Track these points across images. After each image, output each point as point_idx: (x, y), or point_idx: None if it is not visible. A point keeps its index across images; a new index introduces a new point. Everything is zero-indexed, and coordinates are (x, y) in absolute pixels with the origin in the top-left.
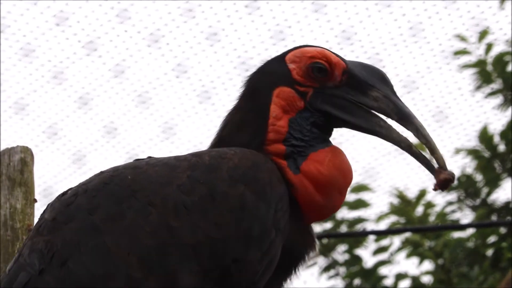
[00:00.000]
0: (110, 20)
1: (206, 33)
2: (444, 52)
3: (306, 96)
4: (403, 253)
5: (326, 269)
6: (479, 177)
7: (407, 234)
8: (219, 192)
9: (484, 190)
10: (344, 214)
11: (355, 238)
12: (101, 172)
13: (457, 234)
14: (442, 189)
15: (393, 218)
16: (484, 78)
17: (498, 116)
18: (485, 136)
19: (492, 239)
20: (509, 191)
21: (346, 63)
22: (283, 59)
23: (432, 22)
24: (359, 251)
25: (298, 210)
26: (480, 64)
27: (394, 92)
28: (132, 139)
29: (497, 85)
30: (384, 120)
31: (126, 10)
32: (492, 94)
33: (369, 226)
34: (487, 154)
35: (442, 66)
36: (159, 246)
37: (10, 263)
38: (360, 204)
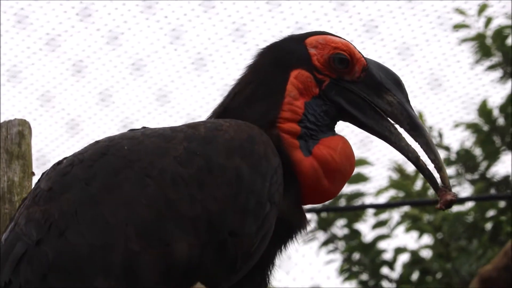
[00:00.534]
0: None
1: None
2: (443, 25)
3: (322, 85)
4: (402, 227)
5: (325, 243)
6: (478, 151)
7: (406, 208)
8: (216, 165)
9: (483, 164)
10: (343, 188)
11: (354, 212)
12: (96, 142)
13: (456, 208)
14: (445, 208)
15: (392, 192)
16: (484, 51)
17: (497, 89)
18: (484, 110)
19: (491, 213)
20: (508, 165)
21: (367, 61)
22: (303, 41)
23: None
24: (358, 225)
25: (294, 188)
26: (479, 38)
27: (409, 101)
28: (126, 107)
29: (496, 58)
30: (395, 126)
31: None
32: (492, 67)
33: (368, 200)
34: (486, 128)
35: (441, 39)
36: (156, 218)
37: (5, 232)
38: (359, 178)
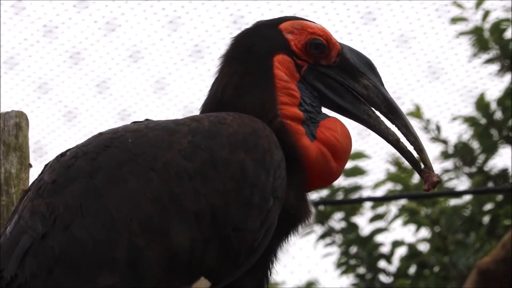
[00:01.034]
0: None
1: None
2: (442, 18)
3: (301, 70)
4: (400, 220)
5: (323, 236)
6: (476, 144)
7: (404, 202)
8: (220, 159)
9: (481, 157)
10: (341, 181)
11: (352, 205)
12: (99, 134)
13: (453, 201)
14: (432, 188)
15: (389, 185)
16: (481, 45)
17: (495, 82)
18: (481, 103)
19: (489, 206)
20: (505, 158)
21: (341, 45)
22: (276, 27)
23: None
24: (356, 219)
25: (299, 178)
26: (477, 31)
27: (383, 84)
28: (124, 98)
29: (494, 51)
30: (373, 110)
31: None
32: (489, 61)
33: (365, 194)
34: (484, 121)
35: (439, 31)
36: (160, 212)
37: (9, 225)
38: (356, 171)
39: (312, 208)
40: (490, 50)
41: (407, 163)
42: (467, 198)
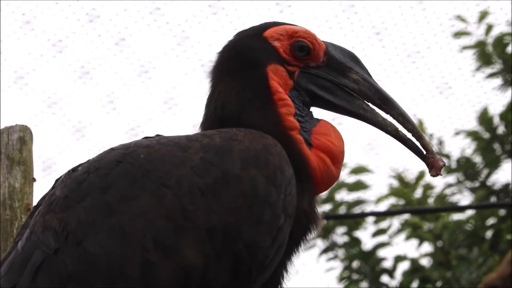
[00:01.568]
0: None
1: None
2: (445, 32)
3: (294, 75)
4: (402, 235)
5: (325, 251)
6: (478, 158)
7: (406, 216)
8: (232, 176)
9: (484, 172)
10: (343, 195)
11: (354, 220)
12: (111, 149)
13: (456, 216)
14: (440, 173)
15: (392, 200)
16: (484, 59)
17: (498, 97)
18: (485, 118)
19: (491, 221)
20: (508, 172)
21: (325, 44)
22: (261, 36)
23: (432, 2)
24: (358, 233)
25: (308, 188)
26: (480, 45)
27: (371, 75)
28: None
29: (497, 66)
30: (367, 104)
31: None
32: (492, 75)
33: (368, 208)
34: (486, 135)
35: (443, 46)
36: (173, 228)
37: (20, 240)
38: (359, 185)
39: (320, 216)
40: (493, 64)
41: (409, 177)
42: (470, 212)
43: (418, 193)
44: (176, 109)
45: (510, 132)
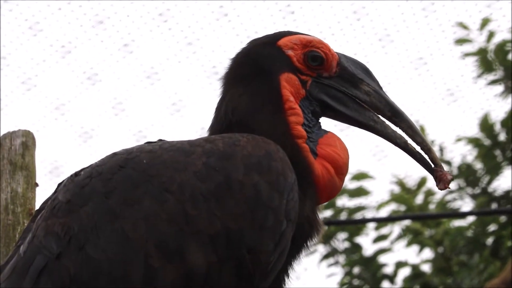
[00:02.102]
0: None
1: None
2: (447, 39)
3: (306, 85)
4: (403, 241)
5: (326, 256)
6: (479, 165)
7: (407, 222)
8: (234, 181)
9: (485, 179)
10: (344, 202)
11: (355, 226)
12: (114, 154)
13: (457, 223)
14: (448, 187)
15: (393, 206)
16: (486, 66)
17: (500, 104)
18: (486, 125)
19: (492, 227)
20: (509, 179)
21: (338, 55)
22: (275, 44)
23: (434, 9)
24: (359, 239)
25: (311, 195)
26: (482, 52)
27: (381, 88)
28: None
29: (499, 73)
30: (377, 116)
31: None
32: (494, 82)
33: (369, 214)
34: (488, 142)
35: (445, 53)
36: (176, 233)
37: (22, 244)
38: (360, 192)
39: (322, 223)
40: (495, 71)
41: (411, 183)
42: (471, 219)
43: (419, 199)
44: (183, 111)
45: (511, 139)
